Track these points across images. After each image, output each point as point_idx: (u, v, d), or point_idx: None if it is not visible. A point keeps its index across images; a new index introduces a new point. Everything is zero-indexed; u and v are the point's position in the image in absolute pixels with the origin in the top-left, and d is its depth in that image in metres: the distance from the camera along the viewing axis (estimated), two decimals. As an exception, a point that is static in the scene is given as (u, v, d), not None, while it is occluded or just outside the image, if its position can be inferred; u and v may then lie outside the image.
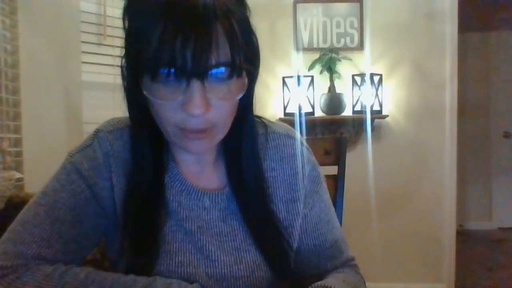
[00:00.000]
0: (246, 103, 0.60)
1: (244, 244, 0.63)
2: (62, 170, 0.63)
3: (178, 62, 0.48)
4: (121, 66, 0.57)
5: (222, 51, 0.49)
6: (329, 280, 0.61)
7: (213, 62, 0.49)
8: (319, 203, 0.70)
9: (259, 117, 0.69)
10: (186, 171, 0.65)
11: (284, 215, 0.66)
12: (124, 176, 0.62)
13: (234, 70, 0.51)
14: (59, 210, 0.59)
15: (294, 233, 0.67)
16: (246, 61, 0.53)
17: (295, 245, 0.67)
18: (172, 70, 0.49)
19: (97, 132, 0.64)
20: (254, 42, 0.57)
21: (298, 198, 0.67)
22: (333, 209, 0.73)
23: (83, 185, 0.61)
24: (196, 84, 0.49)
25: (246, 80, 0.54)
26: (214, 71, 0.50)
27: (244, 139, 0.63)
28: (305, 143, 0.71)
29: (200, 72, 0.49)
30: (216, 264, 0.62)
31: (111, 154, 0.62)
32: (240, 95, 0.54)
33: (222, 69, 0.51)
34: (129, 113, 0.60)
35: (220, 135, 0.58)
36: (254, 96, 0.62)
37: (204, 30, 0.47)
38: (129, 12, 0.53)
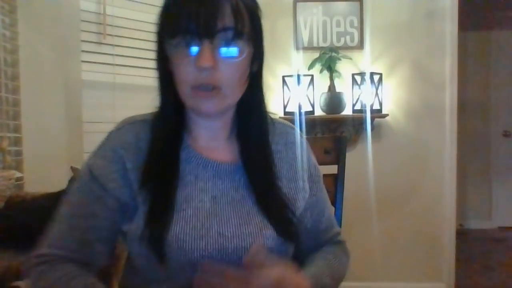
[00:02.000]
0: (255, 80, 0.73)
1: (253, 209, 0.71)
2: (80, 173, 0.72)
3: (192, 26, 0.62)
4: (156, 50, 0.70)
5: (227, 18, 0.63)
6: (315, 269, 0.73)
7: (220, 25, 0.63)
8: (321, 189, 0.84)
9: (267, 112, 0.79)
10: (204, 147, 0.74)
11: (287, 190, 0.76)
12: (138, 158, 0.70)
13: (237, 33, 0.64)
14: (79, 212, 0.69)
15: (296, 205, 0.76)
16: (249, 32, 0.66)
17: (297, 213, 0.76)
18: (188, 31, 0.62)
19: (109, 132, 0.74)
20: (256, 21, 0.70)
21: (300, 178, 0.79)
22: (325, 190, 0.86)
23: (95, 186, 0.69)
24: (205, 43, 0.62)
25: (247, 50, 0.67)
26: (220, 33, 0.63)
27: (255, 116, 0.75)
28: (303, 135, 0.85)
29: (209, 33, 0.62)
30: (228, 224, 0.69)
31: (122, 146, 0.70)
32: (242, 57, 0.66)
33: (228, 32, 0.63)
34: (159, 87, 0.72)
35: (228, 99, 0.68)
36: (262, 73, 0.75)
37: (214, 3, 0.62)
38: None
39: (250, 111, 0.74)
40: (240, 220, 0.69)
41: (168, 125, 0.72)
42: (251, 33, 0.67)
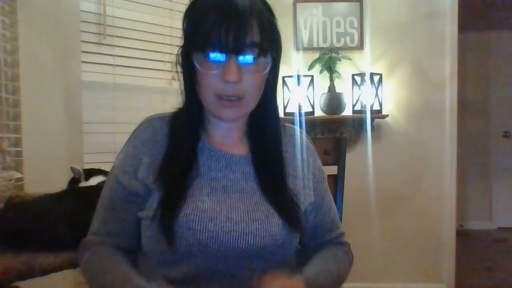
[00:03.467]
0: (271, 88, 0.79)
1: (261, 199, 0.76)
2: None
3: (223, 41, 0.67)
4: (177, 54, 0.76)
5: (254, 36, 0.69)
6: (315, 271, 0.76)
7: (248, 42, 0.68)
8: (325, 190, 0.88)
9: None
10: (218, 142, 0.80)
11: (293, 186, 0.81)
12: (155, 151, 0.77)
13: (262, 51, 0.70)
14: (107, 203, 0.78)
15: (301, 200, 0.80)
16: (271, 47, 0.72)
17: (303, 208, 0.81)
18: (217, 47, 0.68)
19: (133, 131, 0.82)
20: (278, 37, 0.76)
21: (305, 177, 0.83)
22: (330, 192, 0.90)
23: (115, 184, 0.77)
24: (233, 59, 0.68)
25: (270, 63, 0.73)
26: (247, 50, 0.69)
27: (269, 117, 0.81)
28: (312, 142, 0.91)
29: (237, 50, 0.68)
30: (236, 210, 0.73)
31: (140, 143, 0.78)
32: (265, 72, 0.72)
33: (254, 49, 0.69)
34: (185, 90, 0.77)
35: (248, 107, 0.75)
36: (277, 83, 0.80)
37: (243, 21, 0.67)
38: (190, 11, 0.73)
39: (264, 113, 0.80)
40: (248, 207, 0.74)
41: (188, 123, 0.78)
42: (272, 46, 0.73)
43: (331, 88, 2.47)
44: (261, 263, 0.73)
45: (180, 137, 0.77)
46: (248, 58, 0.69)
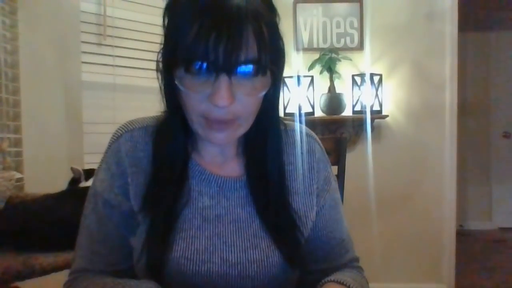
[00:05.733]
0: (272, 101, 0.64)
1: (260, 230, 0.66)
2: (89, 192, 0.70)
3: (211, 56, 0.52)
4: (157, 61, 0.62)
5: (250, 49, 0.53)
6: (339, 277, 0.63)
7: (242, 59, 0.53)
8: (330, 201, 0.74)
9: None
10: (210, 162, 0.69)
11: (299, 206, 0.70)
12: (140, 172, 0.66)
13: (260, 68, 0.55)
14: (92, 230, 0.67)
15: (307, 223, 0.70)
16: (271, 61, 0.57)
17: (306, 233, 0.70)
18: (205, 63, 0.53)
19: (109, 143, 0.69)
20: (280, 45, 0.61)
21: (313, 191, 0.72)
22: (342, 208, 0.77)
23: (100, 205, 0.67)
24: (224, 78, 0.53)
25: (270, 79, 0.58)
26: (241, 67, 0.54)
27: (270, 135, 0.67)
28: (320, 142, 0.76)
29: (229, 67, 0.53)
30: (232, 249, 0.64)
31: (122, 159, 0.66)
32: (263, 92, 0.58)
33: (250, 66, 0.55)
34: (165, 103, 0.64)
35: (242, 128, 0.61)
36: (279, 96, 0.66)
37: (236, 30, 0.52)
38: (169, 10, 0.59)
39: (263, 128, 0.66)
40: (246, 244, 0.64)
41: (174, 139, 0.65)
42: (273, 60, 0.58)
43: (331, 88, 2.47)
44: None
45: (166, 158, 0.64)
46: (242, 76, 0.55)
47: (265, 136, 0.67)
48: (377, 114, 2.44)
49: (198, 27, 0.52)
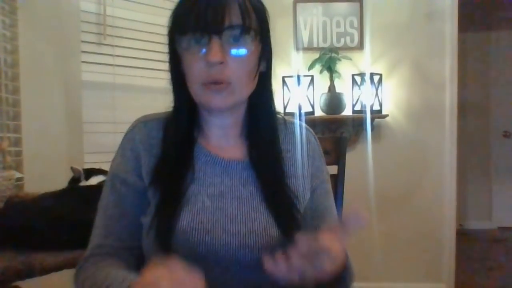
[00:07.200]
0: (264, 82, 0.76)
1: (260, 206, 0.72)
2: (107, 177, 0.79)
3: (201, 23, 0.65)
4: (168, 45, 0.73)
5: (235, 17, 0.66)
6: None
7: (227, 22, 0.66)
8: (325, 194, 0.82)
9: (278, 113, 0.83)
10: (214, 145, 0.77)
11: (296, 188, 0.77)
12: (149, 155, 0.75)
13: (244, 29, 0.67)
14: (109, 209, 0.75)
15: (303, 203, 0.77)
16: (256, 29, 0.69)
17: (303, 210, 0.77)
18: (197, 29, 0.66)
19: (126, 132, 0.79)
20: (262, 15, 0.72)
21: (308, 175, 0.80)
22: (330, 195, 0.84)
23: (118, 185, 0.75)
24: (215, 39, 0.65)
25: (254, 42, 0.69)
26: (228, 29, 0.66)
27: (264, 115, 0.78)
28: (316, 136, 0.87)
29: (217, 30, 0.65)
30: (234, 221, 0.70)
31: (137, 145, 0.76)
32: (250, 50, 0.68)
33: (236, 27, 0.66)
34: (173, 87, 0.76)
35: (237, 94, 0.70)
36: (271, 73, 0.77)
37: (222, 2, 0.65)
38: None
39: (259, 111, 0.78)
40: (246, 217, 0.71)
41: (181, 124, 0.75)
42: (258, 30, 0.70)
43: (331, 88, 2.47)
44: (261, 274, 0.68)
45: (174, 144, 0.74)
46: (230, 38, 0.67)
47: (261, 117, 0.77)
48: (377, 114, 2.44)
49: (190, 2, 0.66)
